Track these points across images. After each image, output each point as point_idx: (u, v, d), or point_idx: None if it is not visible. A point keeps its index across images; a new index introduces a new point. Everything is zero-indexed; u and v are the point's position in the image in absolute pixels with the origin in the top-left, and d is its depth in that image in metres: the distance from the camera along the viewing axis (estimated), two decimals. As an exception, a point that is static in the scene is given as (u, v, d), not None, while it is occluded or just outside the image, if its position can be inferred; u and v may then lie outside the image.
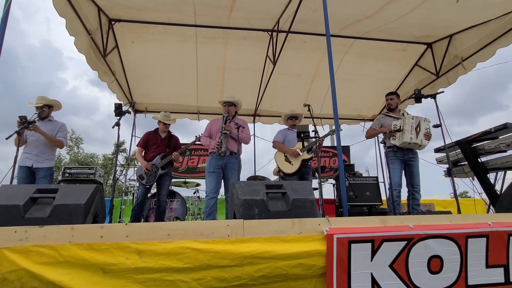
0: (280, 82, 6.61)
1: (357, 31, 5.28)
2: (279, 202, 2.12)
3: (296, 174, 3.94)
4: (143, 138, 4.29)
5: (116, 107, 3.10)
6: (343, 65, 6.23)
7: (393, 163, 3.75)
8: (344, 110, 7.32)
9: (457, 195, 2.98)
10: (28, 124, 3.25)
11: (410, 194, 3.77)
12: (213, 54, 5.85)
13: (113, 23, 4.97)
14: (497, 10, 4.32)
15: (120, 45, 5.44)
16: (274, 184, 2.23)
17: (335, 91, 3.04)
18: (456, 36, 5.17)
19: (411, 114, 3.82)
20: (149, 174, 3.98)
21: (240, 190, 2.10)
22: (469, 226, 2.08)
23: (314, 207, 2.10)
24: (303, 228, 1.92)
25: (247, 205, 2.03)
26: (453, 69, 5.36)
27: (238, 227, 1.87)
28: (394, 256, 1.96)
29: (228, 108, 3.92)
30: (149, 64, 5.98)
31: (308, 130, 3.33)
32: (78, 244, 1.68)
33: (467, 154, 3.83)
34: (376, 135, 4.03)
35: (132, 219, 3.90)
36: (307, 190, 2.18)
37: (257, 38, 5.47)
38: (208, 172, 3.62)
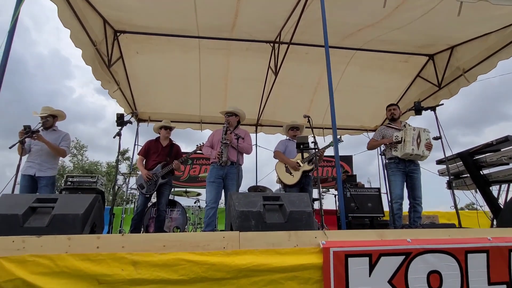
0: (282, 92, 6.66)
1: (358, 41, 5.33)
2: (276, 214, 2.12)
3: (297, 185, 3.94)
4: (144, 147, 4.33)
5: (118, 117, 3.15)
6: (345, 76, 6.27)
7: (395, 174, 3.73)
8: (346, 121, 7.34)
9: (457, 207, 2.95)
10: (32, 133, 3.31)
11: (411, 206, 3.74)
12: (216, 65, 5.94)
13: (119, 35, 5.08)
14: (498, 23, 4.34)
15: (124, 56, 5.54)
16: (272, 195, 2.23)
17: (333, 102, 3.09)
18: (457, 48, 5.19)
19: (412, 125, 3.82)
20: (149, 183, 4.00)
21: (237, 202, 2.11)
22: (468, 241, 2.05)
23: (311, 219, 2.10)
24: (299, 241, 1.92)
25: (243, 217, 2.03)
26: (455, 81, 5.37)
27: (234, 239, 1.87)
28: (393, 271, 1.94)
29: (229, 118, 3.96)
30: (153, 74, 6.07)
31: (308, 142, 3.34)
32: (75, 254, 1.69)
33: (469, 167, 3.81)
34: (377, 147, 4.03)
35: (132, 229, 3.90)
36: (305, 202, 2.17)
37: (259, 49, 5.54)
38: (209, 182, 3.63)
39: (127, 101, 6.26)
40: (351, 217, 5.17)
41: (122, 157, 21.94)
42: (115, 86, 5.49)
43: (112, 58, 5.01)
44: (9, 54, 2.54)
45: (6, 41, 2.54)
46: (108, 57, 4.89)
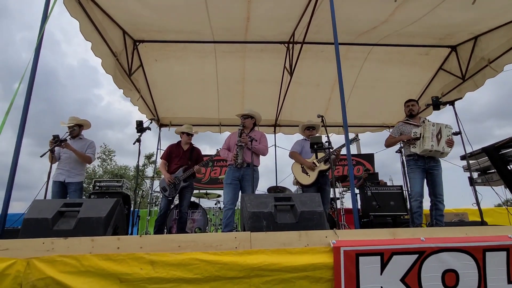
0: (299, 92, 6.66)
1: (374, 37, 5.24)
2: (287, 214, 2.17)
3: (314, 185, 3.95)
4: (166, 151, 4.50)
5: (138, 124, 3.32)
6: (363, 73, 6.18)
7: (414, 172, 3.65)
8: (367, 118, 7.21)
9: (479, 204, 2.85)
10: (60, 142, 3.56)
11: (433, 204, 3.63)
12: (232, 67, 6.04)
13: (138, 44, 5.32)
14: (524, 8, 4.13)
15: (144, 64, 5.78)
16: (283, 196, 2.28)
17: (344, 98, 3.13)
18: (481, 37, 4.97)
19: (431, 121, 3.72)
20: (172, 186, 4.16)
21: (249, 203, 2.18)
22: (487, 239, 2.00)
23: (322, 219, 2.13)
24: (309, 241, 1.96)
25: (255, 218, 2.10)
26: (480, 72, 5.14)
27: (246, 240, 1.94)
28: (406, 270, 1.93)
29: (244, 121, 4.04)
30: (172, 80, 6.27)
31: (322, 141, 3.35)
32: (98, 254, 1.83)
33: (495, 162, 3.65)
34: (395, 143, 3.94)
35: (155, 230, 4.08)
36: (316, 202, 2.21)
37: (274, 50, 5.59)
38: (226, 184, 3.73)
39: (148, 108, 6.51)
40: (373, 216, 5.10)
41: (148, 160, 22.70)
42: (137, 94, 5.74)
43: (132, 67, 5.24)
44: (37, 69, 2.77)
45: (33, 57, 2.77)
46: (129, 66, 5.13)
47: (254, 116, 4.17)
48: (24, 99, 2.60)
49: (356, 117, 7.22)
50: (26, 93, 2.59)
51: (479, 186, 4.24)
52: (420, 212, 3.53)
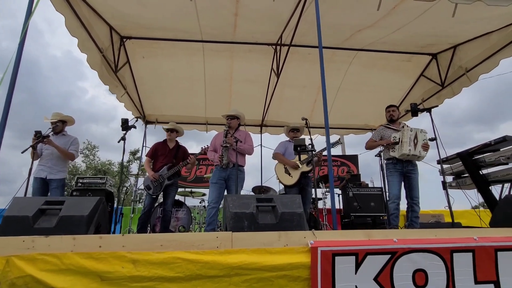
0: (286, 93, 6.74)
1: (359, 42, 5.37)
2: (269, 215, 2.23)
3: (296, 186, 4.03)
4: (152, 149, 4.49)
5: (123, 122, 3.30)
6: (348, 76, 6.31)
7: (392, 175, 3.79)
8: (351, 120, 7.37)
9: (451, 207, 3.00)
10: (42, 138, 3.50)
11: (409, 206, 3.78)
12: (220, 67, 6.05)
13: (125, 40, 5.26)
14: (499, 21, 4.32)
15: (131, 60, 5.72)
16: (265, 197, 2.34)
17: (326, 101, 3.20)
18: (460, 47, 5.17)
19: (409, 126, 3.86)
20: (156, 184, 4.16)
21: (232, 204, 2.23)
22: (454, 240, 2.12)
23: (301, 220, 2.20)
24: (289, 241, 2.02)
25: (237, 218, 2.15)
26: (457, 80, 5.35)
27: (227, 239, 1.99)
28: (379, 269, 2.03)
29: (230, 121, 4.08)
30: (159, 78, 6.23)
31: (305, 144, 3.43)
32: (79, 253, 1.84)
33: (468, 167, 3.83)
34: (376, 147, 4.09)
35: (138, 228, 4.08)
36: (296, 204, 2.28)
37: (262, 51, 5.63)
38: (212, 183, 3.78)
39: (135, 104, 6.46)
40: (354, 216, 5.24)
41: (134, 157, 22.40)
42: (123, 90, 5.68)
43: (118, 63, 5.18)
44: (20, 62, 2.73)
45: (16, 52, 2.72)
46: (115, 62, 5.07)
47: (239, 117, 4.21)
48: (6, 95, 2.56)
49: (340, 119, 7.37)
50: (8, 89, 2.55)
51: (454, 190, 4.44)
52: (397, 214, 3.67)
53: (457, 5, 3.29)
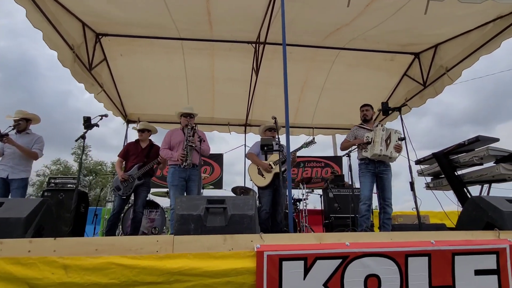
0: (270, 92, 6.65)
1: (340, 41, 5.28)
2: (218, 217, 2.13)
3: (269, 187, 3.93)
4: (124, 149, 4.38)
5: (85, 120, 3.19)
6: (331, 75, 6.23)
7: (364, 175, 3.70)
8: (335, 120, 7.28)
9: (418, 209, 2.92)
10: (1, 137, 3.39)
11: (381, 208, 3.70)
12: (201, 65, 5.96)
13: (101, 37, 5.15)
14: (477, 19, 4.26)
15: (109, 58, 5.61)
16: (217, 198, 2.24)
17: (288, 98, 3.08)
18: (441, 46, 5.11)
19: (383, 126, 3.78)
20: (125, 184, 4.06)
21: (179, 205, 2.13)
22: (410, 244, 2.03)
23: (252, 222, 2.10)
24: (234, 245, 1.93)
25: (183, 220, 2.05)
26: (439, 79, 5.27)
27: (168, 243, 1.89)
28: (329, 274, 1.93)
29: (190, 120, 3.98)
30: (139, 76, 6.12)
31: (272, 143, 3.33)
32: (6, 258, 1.74)
33: (444, 167, 3.75)
34: (350, 147, 4.00)
35: (107, 229, 3.96)
36: (249, 205, 2.18)
37: (242, 49, 5.54)
38: (172, 185, 3.65)
39: (114, 104, 6.33)
40: (333, 217, 5.15)
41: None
42: (99, 89, 5.56)
43: (93, 61, 5.07)
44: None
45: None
46: (89, 60, 4.96)
47: (194, 116, 4.14)
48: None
49: (326, 119, 7.29)
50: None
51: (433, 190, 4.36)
52: (368, 216, 3.58)
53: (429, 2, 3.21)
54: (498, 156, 3.43)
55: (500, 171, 3.35)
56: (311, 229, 5.27)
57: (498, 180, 3.59)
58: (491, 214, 2.47)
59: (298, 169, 7.85)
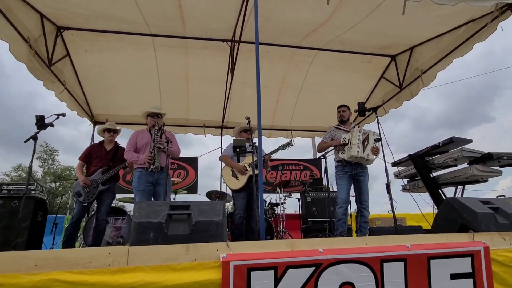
0: (247, 93, 6.54)
1: (318, 42, 5.27)
2: (182, 225, 1.98)
3: (243, 190, 3.81)
4: (86, 151, 4.12)
5: (38, 119, 2.94)
6: (309, 77, 6.22)
7: (341, 178, 3.66)
8: (314, 122, 7.29)
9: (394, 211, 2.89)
10: None
11: (358, 211, 3.67)
12: (174, 63, 5.78)
13: (62, 31, 4.86)
14: (450, 22, 4.36)
15: (72, 54, 5.31)
16: (182, 204, 2.09)
17: (260, 99, 2.99)
18: (416, 48, 5.21)
19: (360, 127, 3.77)
20: (88, 190, 3.81)
21: (138, 212, 1.96)
22: (385, 249, 1.97)
23: (220, 230, 1.97)
24: (198, 255, 1.78)
25: (141, 229, 1.89)
26: (415, 82, 5.37)
27: (122, 255, 1.72)
28: (301, 284, 1.83)
29: (157, 120, 3.81)
30: (107, 74, 5.84)
31: (245, 145, 3.22)
32: None
33: (419, 169, 3.78)
34: (327, 148, 3.96)
35: (64, 240, 3.68)
36: (216, 211, 2.04)
37: (217, 48, 5.41)
38: (138, 191, 3.46)
39: (79, 103, 6.00)
40: (311, 222, 5.09)
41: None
42: (61, 87, 5.24)
43: (54, 56, 4.77)
44: None
45: None
46: (49, 55, 4.66)
47: (162, 116, 3.98)
48: None
49: (304, 121, 7.28)
50: None
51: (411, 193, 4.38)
52: (345, 219, 3.53)
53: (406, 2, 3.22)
54: (472, 157, 3.49)
55: (473, 172, 3.41)
56: (289, 235, 5.18)
57: (471, 181, 3.66)
58: (466, 216, 2.46)
59: (276, 172, 7.78)
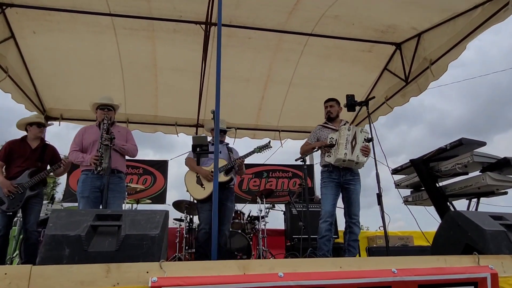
0: (226, 87, 6.30)
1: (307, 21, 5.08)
2: (108, 239, 1.80)
3: (210, 201, 3.63)
4: (4, 149, 3.90)
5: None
6: (300, 68, 6.10)
7: (326, 186, 3.51)
8: (305, 121, 7.13)
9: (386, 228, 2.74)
10: None
11: (347, 226, 3.52)
12: (139, 50, 5.63)
13: (4, 8, 4.69)
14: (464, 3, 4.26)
15: (17, 36, 5.14)
16: (112, 213, 1.92)
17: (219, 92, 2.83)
18: (424, 35, 5.10)
19: (348, 125, 3.62)
20: (12, 196, 3.63)
21: (53, 222, 1.78)
22: (364, 274, 1.80)
23: (155, 247, 1.79)
24: (121, 278, 1.61)
25: (54, 244, 1.70)
26: (423, 74, 5.26)
27: (22, 277, 1.53)
28: (254, 318, 1.66)
29: (108, 113, 3.64)
30: (60, 60, 5.68)
31: (207, 143, 3.05)
32: None
33: (423, 177, 3.64)
34: (311, 151, 3.80)
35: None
36: (153, 223, 1.87)
37: (189, 32, 5.26)
38: (82, 197, 3.28)
39: (26, 95, 5.81)
40: (296, 239, 4.93)
41: None
42: (3, 74, 5.06)
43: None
44: None
45: None
46: (-15, 35, 4.48)
47: (115, 108, 3.84)
48: None
49: (293, 120, 7.16)
50: None
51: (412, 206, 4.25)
52: (329, 237, 3.37)
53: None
54: (485, 163, 3.36)
55: (487, 181, 3.26)
56: (271, 254, 5.02)
57: (485, 193, 3.52)
58: (471, 234, 2.31)
59: (260, 180, 7.61)
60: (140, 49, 5.59)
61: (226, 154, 4.01)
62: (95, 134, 3.53)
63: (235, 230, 4.82)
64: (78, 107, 6.52)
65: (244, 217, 5.24)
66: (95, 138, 3.48)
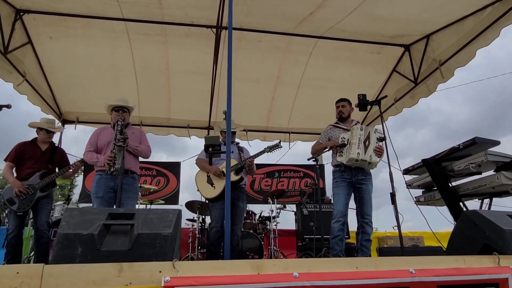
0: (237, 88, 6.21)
1: (317, 28, 5.06)
2: (121, 238, 1.74)
3: (221, 199, 3.55)
4: (15, 150, 3.87)
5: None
6: (309, 70, 6.02)
7: (338, 186, 3.40)
8: (314, 123, 7.04)
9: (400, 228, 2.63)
10: None
11: (359, 226, 3.40)
12: (152, 54, 5.63)
13: (22, 14, 4.72)
14: (473, 3, 4.13)
15: (35, 41, 5.18)
16: (124, 212, 1.86)
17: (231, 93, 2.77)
18: (433, 36, 4.98)
19: (360, 125, 3.51)
20: (23, 197, 3.61)
21: (66, 221, 1.73)
22: (381, 274, 1.71)
23: (168, 245, 1.72)
24: (134, 277, 1.54)
25: (66, 243, 1.65)
26: (432, 76, 5.13)
27: (34, 276, 1.48)
28: (269, 319, 1.57)
29: (123, 114, 3.60)
30: (75, 65, 5.70)
31: (219, 144, 2.98)
32: None
33: (436, 177, 3.51)
34: (322, 151, 3.69)
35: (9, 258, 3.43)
36: (167, 222, 1.80)
37: (201, 36, 5.24)
38: (96, 197, 3.24)
39: (43, 98, 5.83)
40: (308, 239, 4.82)
41: None
42: (20, 78, 5.08)
43: (11, 43, 4.62)
44: None
45: None
46: (4, 41, 4.51)
47: (130, 110, 3.83)
48: None
49: (303, 122, 7.05)
50: None
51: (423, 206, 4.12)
52: (342, 236, 3.26)
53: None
54: (499, 162, 3.22)
55: (502, 181, 3.12)
56: (282, 254, 4.91)
57: (499, 192, 3.37)
58: (489, 233, 2.19)
59: (272, 180, 7.50)
60: (153, 53, 5.59)
61: (236, 154, 3.94)
62: (110, 135, 3.50)
63: (246, 230, 4.74)
64: (93, 110, 6.53)
65: (255, 217, 5.16)
66: (109, 139, 3.45)
